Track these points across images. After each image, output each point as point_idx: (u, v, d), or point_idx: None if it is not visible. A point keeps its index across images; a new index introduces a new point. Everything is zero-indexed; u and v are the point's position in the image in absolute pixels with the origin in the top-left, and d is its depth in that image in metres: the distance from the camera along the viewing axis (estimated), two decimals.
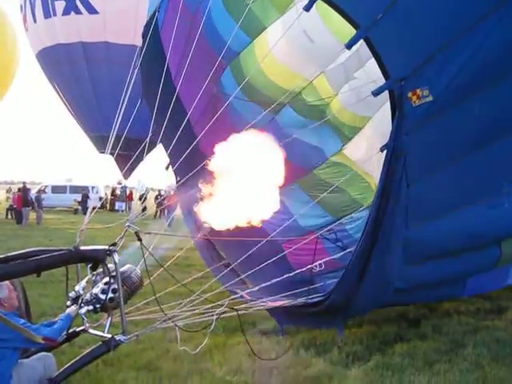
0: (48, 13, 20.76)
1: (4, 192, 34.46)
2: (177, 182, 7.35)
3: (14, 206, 24.93)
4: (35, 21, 21.53)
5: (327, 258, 6.99)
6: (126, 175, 18.19)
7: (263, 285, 5.98)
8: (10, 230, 19.34)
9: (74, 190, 32.86)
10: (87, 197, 31.21)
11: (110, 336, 4.53)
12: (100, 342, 4.52)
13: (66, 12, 20.32)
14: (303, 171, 8.00)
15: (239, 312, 5.52)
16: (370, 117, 7.60)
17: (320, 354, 5.93)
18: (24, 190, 25.49)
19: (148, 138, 6.00)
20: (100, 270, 4.70)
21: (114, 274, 4.55)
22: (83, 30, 19.96)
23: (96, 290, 4.59)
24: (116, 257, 4.58)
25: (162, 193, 28.99)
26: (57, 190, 33.29)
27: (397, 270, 5.58)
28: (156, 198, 28.94)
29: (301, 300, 5.85)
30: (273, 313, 6.78)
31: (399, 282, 5.70)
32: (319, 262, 7.05)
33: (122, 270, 4.73)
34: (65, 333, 4.45)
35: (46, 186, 33.14)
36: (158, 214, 28.28)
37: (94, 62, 19.11)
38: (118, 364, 5.59)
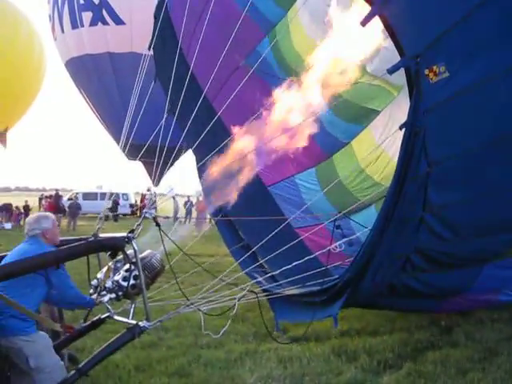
0: (75, 23, 21.09)
1: (37, 199, 35.04)
2: (196, 162, 7.35)
3: None
4: (63, 31, 21.90)
5: (343, 240, 6.93)
6: (156, 182, 18.35)
7: (277, 271, 6.01)
8: None
9: (105, 196, 33.22)
10: (117, 203, 31.62)
11: (134, 322, 4.54)
12: (124, 330, 4.54)
13: (93, 23, 20.62)
14: (323, 155, 7.99)
15: (259, 296, 5.59)
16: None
17: (351, 361, 5.90)
18: (56, 197, 25.97)
19: (167, 142, 6.01)
20: (120, 257, 4.71)
21: (134, 260, 4.56)
22: (110, 40, 20.24)
23: (117, 278, 4.60)
24: (135, 243, 4.58)
25: (191, 199, 29.22)
26: (88, 196, 33.79)
27: (410, 247, 5.42)
28: (185, 203, 29.23)
29: (315, 288, 5.86)
30: (273, 305, 6.79)
31: (415, 255, 5.50)
32: (338, 243, 7.03)
33: (142, 255, 4.73)
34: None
35: (77, 193, 33.66)
36: (188, 219, 28.53)
37: (121, 72, 19.35)
38: (149, 370, 5.64)
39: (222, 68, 6.12)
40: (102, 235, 4.65)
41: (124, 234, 4.60)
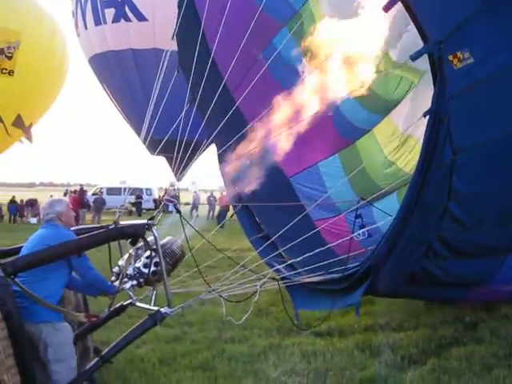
0: (98, 20, 21.28)
1: (61, 194, 35.52)
2: (218, 150, 7.37)
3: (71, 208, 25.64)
4: (86, 28, 22.12)
5: (363, 230, 6.88)
6: (179, 177, 18.48)
7: (298, 259, 6.02)
8: None
9: (129, 192, 33.53)
10: (141, 198, 31.89)
11: (156, 309, 4.56)
12: (146, 317, 4.55)
13: (115, 19, 20.78)
14: (344, 142, 7.93)
15: (280, 283, 5.62)
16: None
17: (374, 356, 5.89)
18: (81, 192, 26.27)
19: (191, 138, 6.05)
20: (141, 244, 4.72)
21: (155, 247, 4.57)
22: (133, 36, 20.38)
23: (138, 265, 4.62)
24: (155, 230, 4.59)
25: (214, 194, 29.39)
26: (112, 191, 34.11)
27: (432, 235, 5.32)
28: (208, 198, 29.39)
29: (336, 275, 5.84)
30: (293, 295, 6.78)
31: (437, 242, 5.41)
32: (357, 232, 6.97)
33: (162, 242, 4.74)
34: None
35: (102, 188, 34.00)
36: (211, 214, 28.70)
37: (144, 68, 19.50)
38: (173, 363, 5.69)
39: (242, 60, 6.11)
40: (122, 222, 4.67)
41: (144, 221, 4.62)
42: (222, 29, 6.13)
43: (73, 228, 4.91)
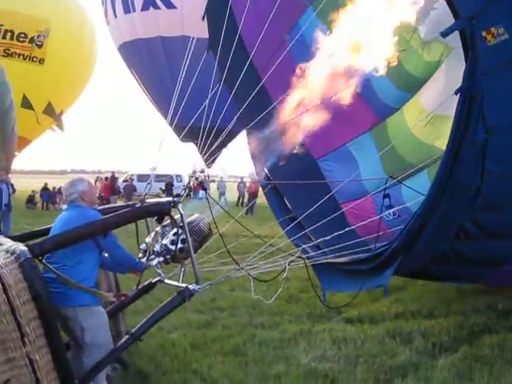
0: (127, 8, 21.39)
1: (92, 181, 36.03)
2: (246, 129, 7.35)
3: (102, 195, 26.01)
4: (116, 16, 22.27)
5: (390, 210, 6.79)
6: (209, 163, 18.55)
7: (324, 238, 6.01)
8: None
9: (159, 178, 33.76)
10: (172, 185, 32.12)
11: (184, 285, 4.51)
12: (175, 294, 4.52)
13: (144, 7, 20.86)
14: (376, 119, 7.84)
15: (307, 262, 5.62)
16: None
17: (405, 343, 5.87)
18: (112, 179, 26.58)
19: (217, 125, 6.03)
20: (168, 221, 4.70)
21: (181, 224, 4.53)
22: (162, 24, 20.44)
23: (165, 242, 4.60)
24: (181, 207, 4.55)
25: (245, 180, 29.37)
26: (142, 178, 34.40)
27: (465, 215, 5.27)
28: (238, 185, 29.44)
29: (364, 255, 5.81)
30: (320, 276, 6.76)
31: (469, 223, 5.35)
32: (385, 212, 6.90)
33: (189, 219, 4.71)
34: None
35: (132, 175, 34.31)
36: (241, 201, 28.76)
37: (173, 56, 19.53)
38: (205, 348, 5.75)
39: (270, 39, 6.05)
40: (148, 200, 4.65)
41: (170, 199, 4.58)
42: (250, 7, 6.09)
43: (99, 207, 4.98)
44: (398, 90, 7.97)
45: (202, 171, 6.61)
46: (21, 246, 3.72)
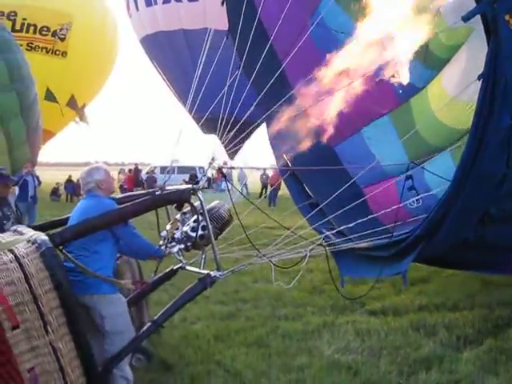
0: (149, 1, 21.47)
1: (116, 173, 36.33)
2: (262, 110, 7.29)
3: (125, 187, 26.25)
4: (137, 9, 22.38)
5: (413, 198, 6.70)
6: (232, 155, 18.57)
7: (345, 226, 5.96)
8: None
9: (182, 170, 33.85)
10: (196, 176, 32.26)
11: (206, 272, 4.48)
12: (196, 281, 4.49)
13: (166, 0, 20.91)
14: (397, 101, 7.72)
15: (328, 249, 5.57)
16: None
17: (429, 335, 5.84)
18: (135, 171, 26.79)
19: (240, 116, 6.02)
20: (189, 208, 4.65)
21: (201, 211, 4.48)
22: (184, 17, 20.46)
23: (186, 228, 4.54)
24: (201, 194, 4.52)
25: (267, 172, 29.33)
26: (165, 170, 34.56)
27: (489, 202, 5.19)
28: (261, 176, 29.42)
29: (384, 241, 5.74)
30: (338, 261, 6.70)
31: (494, 208, 5.26)
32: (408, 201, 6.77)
33: (209, 206, 4.66)
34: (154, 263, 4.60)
35: (155, 167, 34.50)
36: (264, 193, 28.72)
37: (195, 48, 19.56)
38: (228, 340, 5.77)
39: (291, 25, 5.97)
40: (168, 187, 4.63)
41: (189, 186, 4.55)
42: None
43: (118, 196, 4.99)
44: (425, 69, 7.73)
45: (225, 163, 6.57)
46: (42, 236, 3.74)
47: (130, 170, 29.37)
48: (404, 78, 6.81)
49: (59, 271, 3.58)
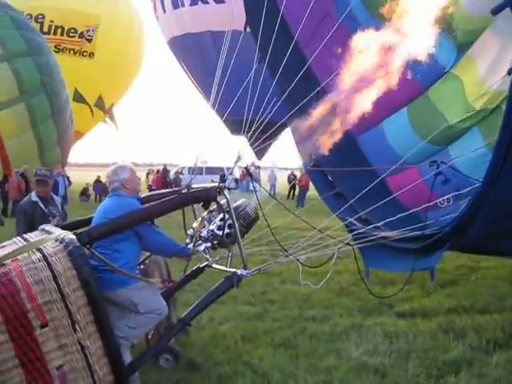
0: (176, 3, 21.68)
1: (144, 174, 36.65)
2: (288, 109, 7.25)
3: (153, 187, 26.48)
4: (164, 11, 22.61)
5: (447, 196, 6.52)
6: (260, 156, 18.61)
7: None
8: None
9: (210, 171, 33.99)
10: (224, 176, 32.28)
11: (233, 270, 4.50)
12: (222, 279, 4.50)
13: (193, 3, 21.07)
14: (420, 88, 7.51)
15: (355, 244, 5.52)
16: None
17: (458, 338, 5.77)
18: (164, 172, 27.00)
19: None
20: (215, 206, 4.68)
21: (228, 209, 4.50)
22: (211, 19, 20.58)
23: (212, 227, 4.56)
24: (227, 193, 4.55)
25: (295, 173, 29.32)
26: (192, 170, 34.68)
27: None
28: (289, 177, 29.40)
29: (415, 233, 5.58)
30: (364, 251, 6.59)
31: None
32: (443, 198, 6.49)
33: (236, 204, 4.69)
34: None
35: (183, 168, 34.68)
36: (291, 194, 28.73)
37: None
38: (255, 341, 5.78)
39: (313, 14, 5.90)
40: (194, 186, 4.65)
41: (215, 184, 4.58)
42: None
43: (144, 195, 5.03)
44: (449, 41, 7.46)
45: (253, 164, 6.57)
46: (69, 235, 3.80)
47: (157, 171, 29.56)
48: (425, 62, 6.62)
49: (86, 270, 3.62)
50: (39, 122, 21.01)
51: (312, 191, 18.26)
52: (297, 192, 27.61)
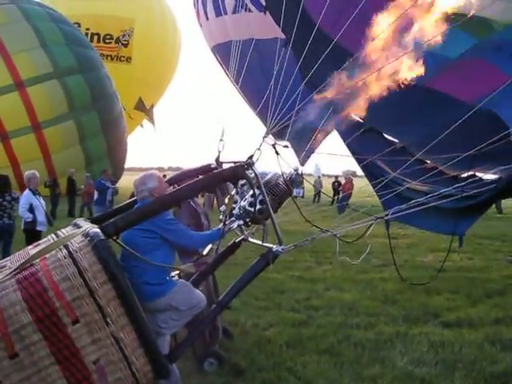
0: (219, 11, 21.83)
1: None
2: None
3: None
4: (207, 18, 22.82)
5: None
6: (303, 161, 18.57)
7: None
8: None
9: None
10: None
11: (269, 245, 4.33)
12: (258, 258, 4.34)
13: (235, 10, 21.20)
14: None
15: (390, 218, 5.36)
16: None
17: (506, 350, 5.66)
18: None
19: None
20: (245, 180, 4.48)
21: (258, 185, 4.33)
22: (253, 26, 20.67)
23: (244, 204, 4.40)
24: (255, 168, 4.37)
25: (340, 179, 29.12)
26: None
27: None
28: (333, 184, 29.24)
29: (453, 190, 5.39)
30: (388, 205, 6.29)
31: None
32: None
33: (266, 179, 4.51)
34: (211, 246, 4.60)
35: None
36: (317, 198, 28.58)
37: (266, 56, 19.70)
38: (300, 347, 5.78)
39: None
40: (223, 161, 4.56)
41: (242, 161, 4.40)
42: None
43: (175, 174, 5.01)
44: None
45: (296, 169, 6.51)
46: (94, 228, 3.76)
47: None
48: None
49: (112, 262, 3.56)
50: (88, 138, 21.44)
51: (354, 198, 18.12)
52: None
